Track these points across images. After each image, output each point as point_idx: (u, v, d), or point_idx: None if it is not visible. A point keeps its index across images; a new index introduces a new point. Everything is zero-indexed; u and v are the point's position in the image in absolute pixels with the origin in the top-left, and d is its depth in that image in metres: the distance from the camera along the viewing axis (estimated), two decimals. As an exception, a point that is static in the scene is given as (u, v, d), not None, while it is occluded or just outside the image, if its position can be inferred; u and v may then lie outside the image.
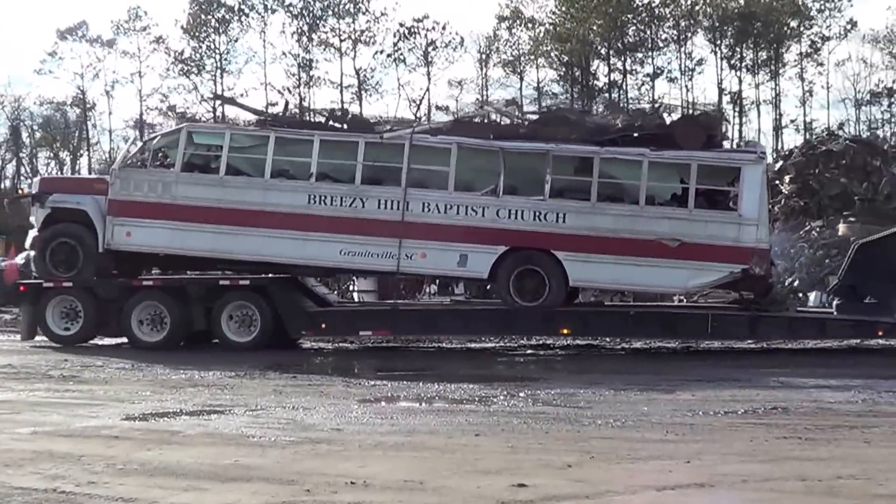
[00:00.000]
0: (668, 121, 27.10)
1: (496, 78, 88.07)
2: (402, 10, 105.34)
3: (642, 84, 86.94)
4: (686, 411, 15.84)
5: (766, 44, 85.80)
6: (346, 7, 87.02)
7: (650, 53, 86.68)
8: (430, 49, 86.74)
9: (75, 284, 26.65)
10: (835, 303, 26.16)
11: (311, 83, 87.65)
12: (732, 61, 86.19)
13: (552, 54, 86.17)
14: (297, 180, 25.88)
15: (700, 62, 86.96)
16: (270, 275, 26.84)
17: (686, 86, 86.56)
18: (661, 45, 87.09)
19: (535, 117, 28.47)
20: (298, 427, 14.42)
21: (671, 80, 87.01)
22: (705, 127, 26.53)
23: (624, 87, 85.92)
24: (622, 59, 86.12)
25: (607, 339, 27.96)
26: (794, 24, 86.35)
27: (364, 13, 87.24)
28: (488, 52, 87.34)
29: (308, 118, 28.94)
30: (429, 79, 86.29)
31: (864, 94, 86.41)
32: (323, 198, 25.62)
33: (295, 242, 25.72)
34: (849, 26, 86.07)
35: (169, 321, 26.28)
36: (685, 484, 10.79)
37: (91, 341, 27.40)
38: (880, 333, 25.00)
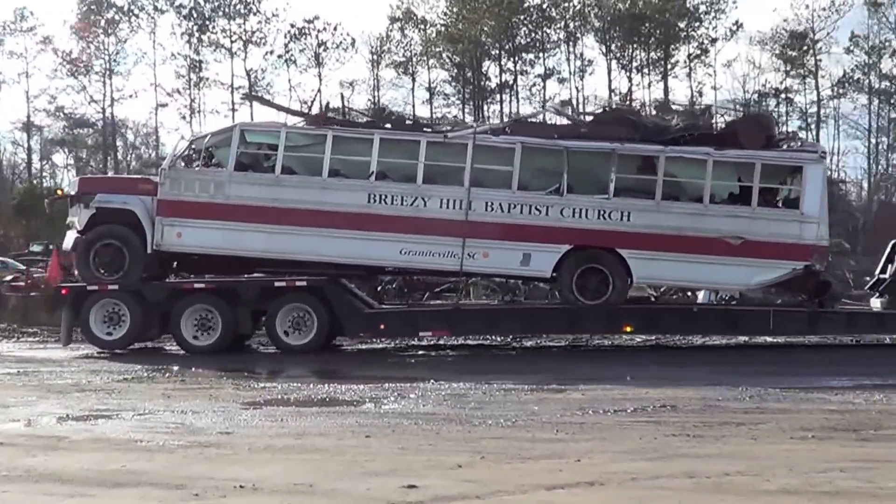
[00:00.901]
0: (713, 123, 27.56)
1: (388, 79, 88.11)
2: (293, 11, 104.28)
3: (533, 85, 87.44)
4: (576, 410, 15.89)
5: (656, 45, 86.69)
6: (237, 8, 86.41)
7: (541, 54, 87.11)
8: (321, 50, 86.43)
9: (121, 287, 25.81)
10: (881, 300, 26.66)
11: (201, 84, 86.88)
12: (622, 62, 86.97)
13: (444, 55, 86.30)
14: (357, 179, 25.67)
15: (590, 63, 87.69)
16: (312, 276, 26.12)
17: (577, 86, 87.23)
18: (551, 46, 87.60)
19: (590, 118, 28.58)
20: (187, 431, 14.25)
21: (561, 80, 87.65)
22: (765, 126, 27.07)
23: (515, 88, 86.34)
24: (513, 59, 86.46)
25: (499, 339, 28.04)
26: (682, 25, 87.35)
27: (254, 14, 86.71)
28: (380, 52, 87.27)
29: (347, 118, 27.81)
30: (320, 80, 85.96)
31: (752, 95, 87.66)
32: (383, 197, 25.45)
33: (354, 242, 25.50)
34: (734, 27, 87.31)
35: (220, 325, 25.69)
36: (575, 483, 10.81)
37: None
38: None
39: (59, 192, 28.26)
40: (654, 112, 29.57)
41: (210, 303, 25.69)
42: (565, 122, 28.78)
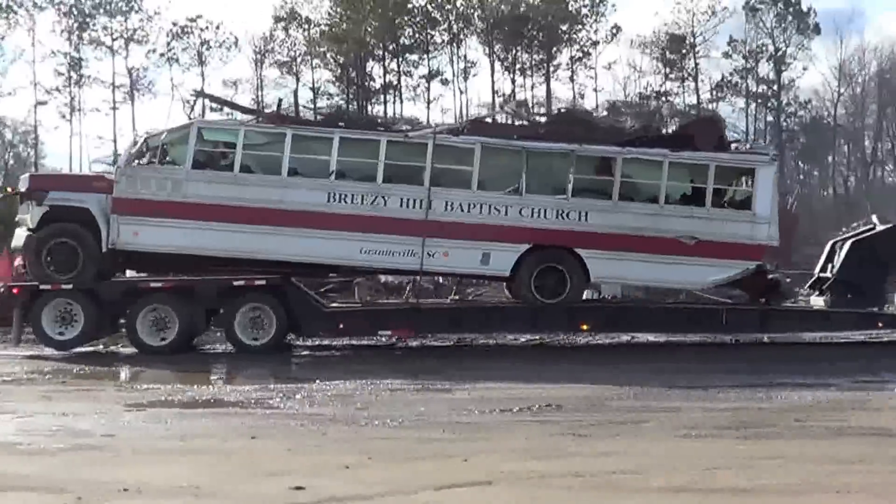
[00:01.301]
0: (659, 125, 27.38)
1: (272, 78, 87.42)
2: (176, 10, 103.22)
3: (417, 86, 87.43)
4: (462, 410, 15.92)
5: (539, 47, 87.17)
6: (118, 6, 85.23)
7: (425, 56, 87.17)
8: (203, 49, 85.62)
9: (76, 286, 25.10)
10: (824, 298, 27.14)
11: (82, 82, 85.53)
12: (506, 64, 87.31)
13: (328, 55, 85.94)
14: (317, 178, 25.48)
15: (473, 64, 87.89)
16: (259, 276, 25.67)
17: (460, 88, 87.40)
18: (435, 47, 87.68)
19: (542, 119, 28.76)
20: (68, 433, 14.00)
21: (444, 82, 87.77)
22: (718, 128, 27.61)
23: (399, 89, 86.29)
24: (398, 60, 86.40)
25: (384, 338, 27.98)
26: (564, 27, 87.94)
27: (136, 12, 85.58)
28: (263, 52, 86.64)
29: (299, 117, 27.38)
30: (203, 79, 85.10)
31: (633, 97, 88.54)
32: (343, 196, 25.31)
33: (314, 241, 25.27)
34: (614, 31, 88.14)
35: (177, 325, 25.09)
36: (463, 483, 10.83)
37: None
38: (880, 325, 26.75)
39: (9, 189, 27.48)
40: (604, 113, 29.82)
41: (167, 302, 25.20)
42: (520, 122, 28.95)
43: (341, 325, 26.10)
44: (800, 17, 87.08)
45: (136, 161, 25.81)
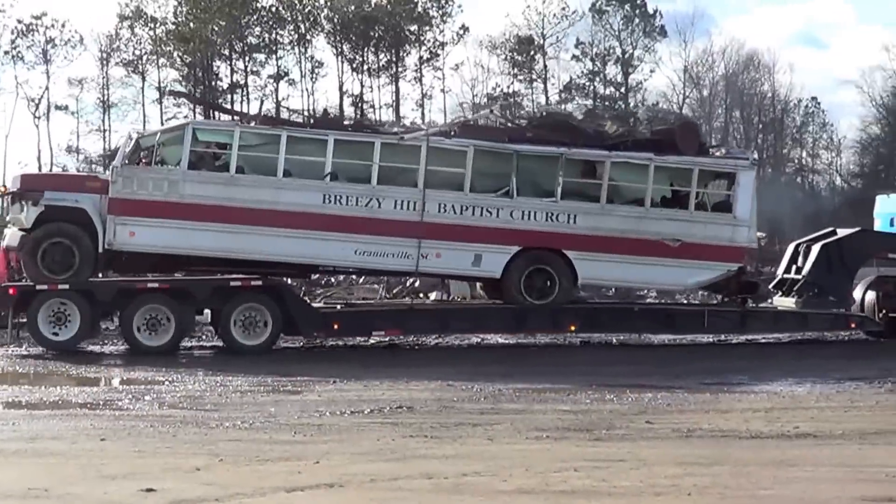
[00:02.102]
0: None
1: (118, 77, 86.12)
2: (20, 7, 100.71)
3: (265, 86, 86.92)
4: (313, 412, 15.88)
5: (387, 48, 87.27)
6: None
7: (273, 55, 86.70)
8: (49, 47, 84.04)
9: (72, 287, 24.69)
10: (795, 299, 27.64)
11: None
12: (354, 64, 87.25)
13: (175, 54, 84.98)
14: (312, 179, 25.45)
15: (321, 65, 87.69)
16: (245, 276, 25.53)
17: (307, 88, 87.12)
18: (282, 47, 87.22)
19: (524, 122, 29.07)
20: None
21: (292, 82, 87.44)
22: (699, 133, 28.31)
23: (246, 88, 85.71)
24: (244, 60, 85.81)
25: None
26: (412, 28, 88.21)
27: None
28: (109, 51, 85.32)
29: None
30: (48, 77, 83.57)
31: (481, 98, 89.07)
32: (338, 197, 25.34)
33: (309, 242, 25.31)
34: (461, 32, 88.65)
35: (173, 325, 24.77)
36: (314, 485, 10.79)
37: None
38: (853, 326, 27.76)
39: (2, 189, 26.83)
40: (581, 117, 30.28)
41: (163, 302, 24.91)
42: (504, 125, 29.12)
43: (336, 326, 26.12)
44: (646, 19, 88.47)
45: (127, 161, 25.51)
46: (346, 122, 28.98)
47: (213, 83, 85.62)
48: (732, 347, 26.99)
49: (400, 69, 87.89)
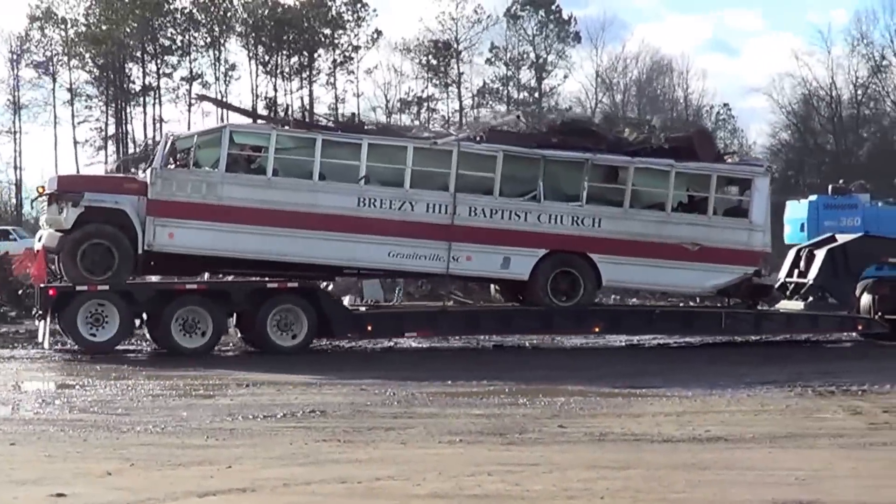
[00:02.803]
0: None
1: (28, 79, 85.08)
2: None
3: (178, 87, 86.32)
4: (226, 416, 15.78)
5: (300, 51, 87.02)
6: None
7: (186, 57, 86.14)
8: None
9: (112, 288, 24.74)
10: (805, 302, 28.52)
11: None
12: (268, 67, 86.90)
13: (86, 56, 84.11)
14: (347, 182, 25.84)
15: (234, 67, 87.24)
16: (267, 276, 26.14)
17: (221, 91, 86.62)
18: (196, 49, 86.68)
19: (544, 129, 29.33)
20: None
21: (205, 85, 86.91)
22: (714, 141, 29.18)
23: (159, 91, 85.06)
24: (157, 62, 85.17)
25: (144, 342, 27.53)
26: (327, 31, 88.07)
27: None
28: (19, 52, 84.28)
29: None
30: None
31: (394, 103, 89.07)
32: (372, 200, 25.83)
33: (344, 245, 25.81)
34: (375, 35, 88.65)
35: (211, 326, 25.05)
36: (227, 489, 10.72)
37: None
38: (860, 327, 28.79)
39: (40, 189, 26.59)
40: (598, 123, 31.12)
41: (200, 304, 25.21)
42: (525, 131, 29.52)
43: (370, 327, 26.70)
44: (561, 25, 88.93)
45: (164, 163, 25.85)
46: (369, 127, 29.26)
47: (126, 85, 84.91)
48: (646, 351, 27.26)
49: (313, 72, 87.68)
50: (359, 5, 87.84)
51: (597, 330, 28.02)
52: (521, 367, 23.20)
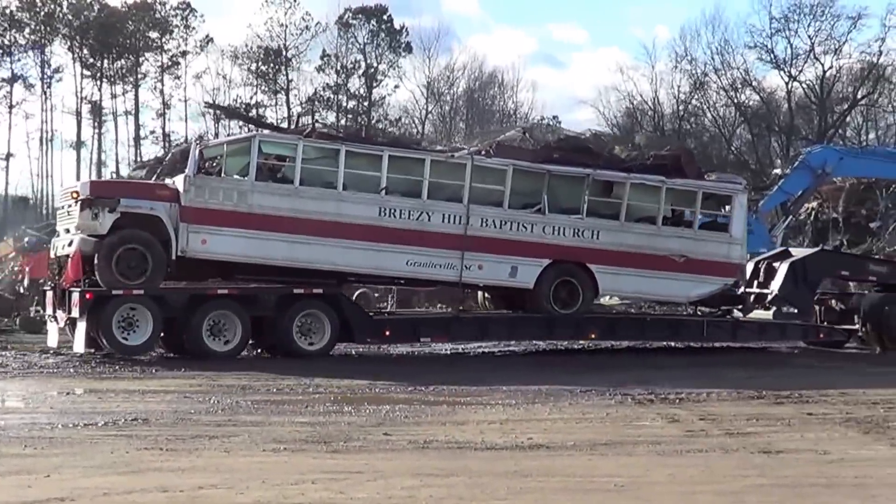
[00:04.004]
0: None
1: None
2: None
3: None
4: (45, 424, 15.47)
5: (126, 55, 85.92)
6: None
7: (8, 58, 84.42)
8: None
9: (147, 292, 25.18)
10: (772, 312, 30.34)
11: None
12: (93, 70, 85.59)
13: None
14: (369, 193, 26.74)
15: (59, 70, 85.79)
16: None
17: (45, 93, 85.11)
18: (19, 50, 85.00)
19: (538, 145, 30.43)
20: None
21: (29, 86, 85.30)
22: (696, 159, 30.61)
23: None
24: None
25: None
26: (154, 35, 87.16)
27: None
28: None
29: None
30: None
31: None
32: (392, 210, 26.80)
33: (367, 253, 26.71)
34: (205, 42, 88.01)
35: (239, 331, 25.68)
36: (45, 499, 10.56)
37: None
38: (822, 336, 30.92)
39: (73, 194, 26.21)
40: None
41: (230, 309, 25.77)
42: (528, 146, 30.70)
43: (387, 332, 27.68)
44: (392, 34, 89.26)
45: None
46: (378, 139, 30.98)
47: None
48: (471, 359, 27.52)
49: (139, 77, 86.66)
50: (187, 11, 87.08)
51: (593, 336, 29.39)
52: (347, 375, 23.03)
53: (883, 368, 26.50)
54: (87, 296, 25.00)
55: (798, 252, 32.07)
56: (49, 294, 27.38)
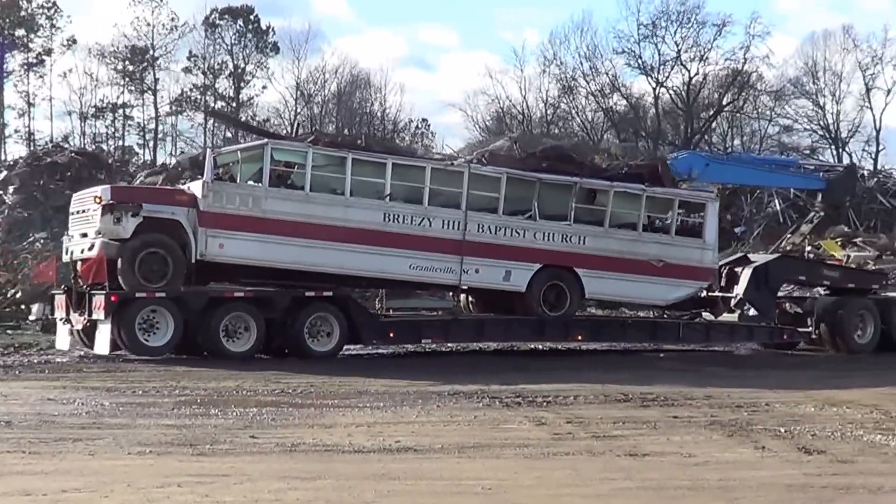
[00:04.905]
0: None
1: None
2: None
3: None
4: None
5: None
6: None
7: None
8: None
9: (168, 295, 25.75)
10: (738, 314, 31.64)
11: None
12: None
13: None
14: (374, 199, 27.64)
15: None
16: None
17: None
18: None
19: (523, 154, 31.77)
20: None
21: None
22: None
23: None
24: None
25: None
26: (19, 33, 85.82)
27: None
28: None
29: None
30: None
31: (88, 108, 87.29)
32: (396, 216, 27.71)
33: (373, 257, 27.57)
34: (70, 42, 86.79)
35: (254, 332, 26.25)
36: None
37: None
38: (785, 337, 32.37)
39: (97, 199, 26.30)
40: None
41: (246, 311, 26.40)
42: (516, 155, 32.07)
43: (392, 334, 28.59)
44: (259, 35, 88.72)
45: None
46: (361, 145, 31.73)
47: None
48: (342, 361, 27.32)
49: (4, 74, 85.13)
50: (53, 10, 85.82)
51: (580, 338, 30.47)
52: (213, 379, 22.86)
53: (747, 371, 26.96)
54: (113, 298, 25.43)
55: (758, 258, 33.59)
56: (59, 297, 27.59)
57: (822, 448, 14.59)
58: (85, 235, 26.62)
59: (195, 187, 26.83)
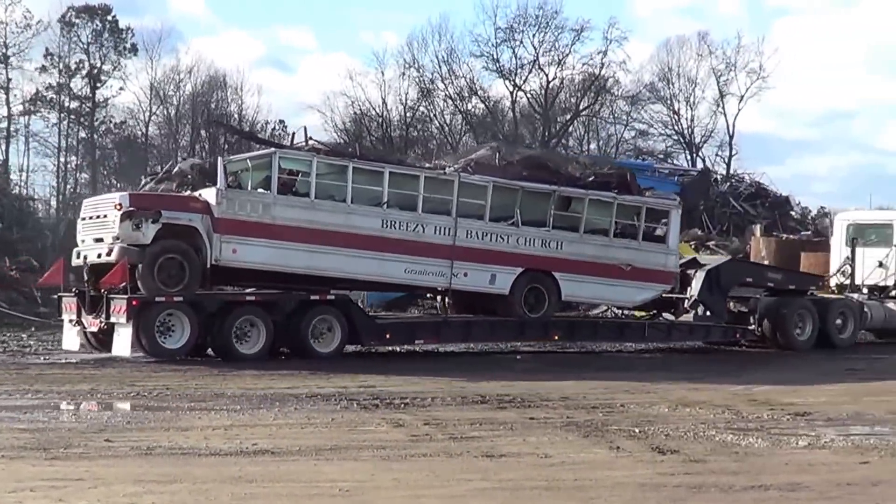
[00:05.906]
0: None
1: None
2: None
3: None
4: None
5: None
6: None
7: None
8: None
9: (185, 299, 26.63)
10: (693, 314, 33.22)
11: None
12: None
13: None
14: (374, 206, 28.68)
15: None
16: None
17: None
18: None
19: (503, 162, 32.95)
20: None
21: None
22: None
23: None
24: None
25: None
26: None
27: None
28: None
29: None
30: None
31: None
32: (393, 223, 28.88)
33: (372, 262, 28.69)
34: None
35: (264, 335, 27.15)
36: None
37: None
38: (737, 335, 34.40)
39: (117, 206, 26.74)
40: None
41: (255, 314, 27.42)
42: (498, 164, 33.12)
43: (388, 335, 29.81)
44: (116, 34, 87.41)
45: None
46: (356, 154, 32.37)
47: None
48: (203, 363, 27.10)
49: None
50: None
51: (556, 338, 32.20)
52: (71, 382, 22.56)
53: (608, 372, 27.26)
54: (134, 302, 26.14)
55: (708, 261, 35.43)
56: (68, 300, 28.23)
57: (676, 448, 14.86)
58: (100, 240, 27.32)
59: (208, 194, 27.50)
